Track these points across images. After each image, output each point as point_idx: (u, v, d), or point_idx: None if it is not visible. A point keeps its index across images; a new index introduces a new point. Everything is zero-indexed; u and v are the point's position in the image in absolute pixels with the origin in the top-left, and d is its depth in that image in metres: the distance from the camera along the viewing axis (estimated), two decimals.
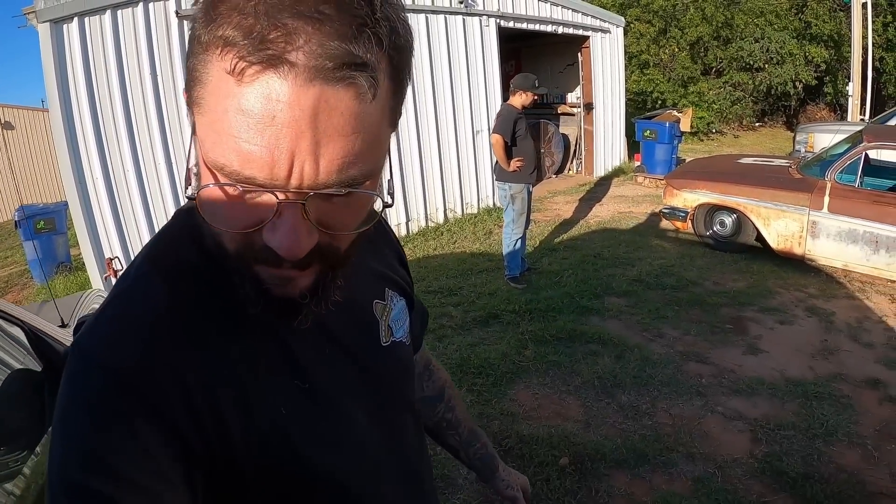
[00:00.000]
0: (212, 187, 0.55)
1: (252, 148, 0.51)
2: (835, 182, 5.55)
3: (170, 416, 0.57)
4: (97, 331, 0.61)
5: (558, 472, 3.08)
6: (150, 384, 0.57)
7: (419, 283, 5.97)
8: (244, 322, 0.65)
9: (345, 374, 0.76)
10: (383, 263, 0.93)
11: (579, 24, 10.49)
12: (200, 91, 0.53)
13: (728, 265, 6.10)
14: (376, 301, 0.86)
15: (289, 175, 0.52)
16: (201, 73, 0.53)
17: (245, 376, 0.64)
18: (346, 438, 0.74)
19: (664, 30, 16.93)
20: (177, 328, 0.61)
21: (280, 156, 0.51)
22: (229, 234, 0.59)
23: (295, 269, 0.60)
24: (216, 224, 0.57)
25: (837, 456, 3.14)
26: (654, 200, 8.70)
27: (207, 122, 0.53)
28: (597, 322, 4.86)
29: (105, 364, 0.57)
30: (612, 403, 3.70)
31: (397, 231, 7.83)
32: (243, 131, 0.51)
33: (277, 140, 0.50)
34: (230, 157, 0.52)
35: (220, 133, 0.52)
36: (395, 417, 0.85)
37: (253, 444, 0.62)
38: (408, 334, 0.93)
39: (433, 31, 7.93)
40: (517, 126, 5.35)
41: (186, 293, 0.64)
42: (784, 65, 16.64)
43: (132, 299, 0.64)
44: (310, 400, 0.70)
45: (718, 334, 4.58)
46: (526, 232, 5.83)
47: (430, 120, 8.08)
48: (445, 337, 4.72)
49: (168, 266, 0.66)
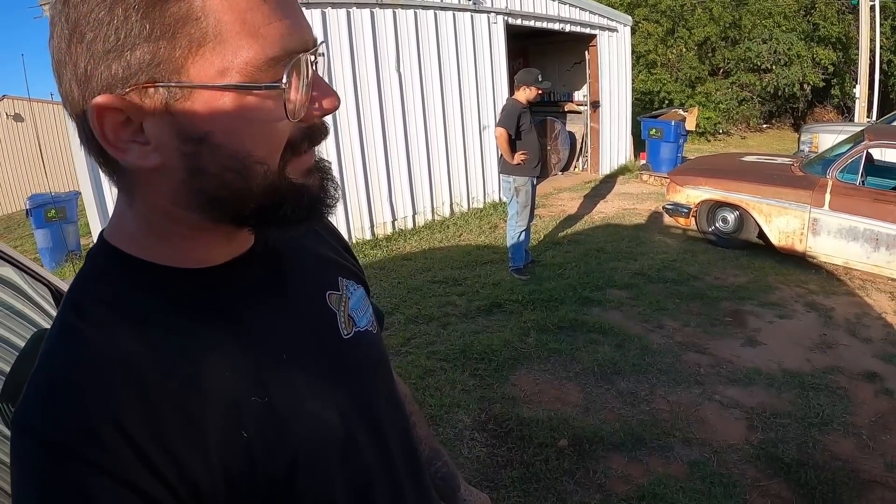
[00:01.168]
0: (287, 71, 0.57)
1: (288, 19, 0.57)
2: (836, 180, 5.60)
3: (125, 475, 0.54)
4: (31, 401, 0.57)
5: (557, 454, 3.16)
6: (96, 447, 0.53)
7: (424, 273, 6.05)
8: (185, 345, 0.62)
9: (308, 378, 0.71)
10: (329, 251, 0.88)
11: (587, 23, 10.52)
12: (201, 30, 0.53)
13: (729, 261, 6.16)
14: (330, 292, 0.81)
15: (311, 31, 0.61)
16: (191, 14, 0.53)
17: (195, 404, 0.59)
18: (323, 450, 0.69)
19: (672, 30, 16.95)
20: (112, 374, 0.57)
21: (296, 11, 0.59)
22: (279, 140, 0.60)
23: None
24: (295, 115, 0.59)
25: (832, 444, 3.19)
26: (659, 198, 8.73)
27: (239, 37, 0.54)
28: (598, 313, 4.93)
29: (45, 439, 0.54)
30: (611, 389, 3.77)
31: (403, 224, 7.93)
32: (279, 10, 0.57)
33: (294, 6, 0.59)
34: (280, 36, 0.56)
35: (256, 30, 0.55)
36: (375, 414, 0.80)
37: (217, 477, 0.59)
38: (373, 322, 0.88)
39: (441, 27, 7.98)
40: (521, 120, 5.40)
41: (117, 331, 0.60)
42: (792, 66, 16.60)
43: (57, 358, 0.59)
44: (272, 416, 0.64)
45: (718, 326, 4.64)
46: (530, 225, 5.89)
47: (437, 116, 8.13)
48: (449, 324, 4.80)
49: (91, 307, 0.62)
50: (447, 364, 4.14)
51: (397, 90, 7.56)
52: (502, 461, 3.15)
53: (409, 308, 5.14)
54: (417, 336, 4.62)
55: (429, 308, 5.12)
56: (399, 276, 6.02)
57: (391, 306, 5.20)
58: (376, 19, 7.20)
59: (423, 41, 7.80)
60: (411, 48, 7.66)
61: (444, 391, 3.79)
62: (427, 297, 5.40)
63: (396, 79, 7.53)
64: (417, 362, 4.16)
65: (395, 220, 7.85)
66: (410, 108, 7.77)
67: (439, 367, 4.09)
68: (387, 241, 7.37)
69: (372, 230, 7.59)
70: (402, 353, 4.34)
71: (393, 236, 7.59)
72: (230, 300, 0.68)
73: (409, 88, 7.70)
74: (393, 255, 6.88)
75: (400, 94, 7.60)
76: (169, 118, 0.56)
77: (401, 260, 6.62)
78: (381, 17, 7.26)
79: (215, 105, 0.55)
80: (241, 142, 0.57)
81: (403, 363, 4.16)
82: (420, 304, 5.21)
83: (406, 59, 7.61)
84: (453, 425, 3.46)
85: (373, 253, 6.94)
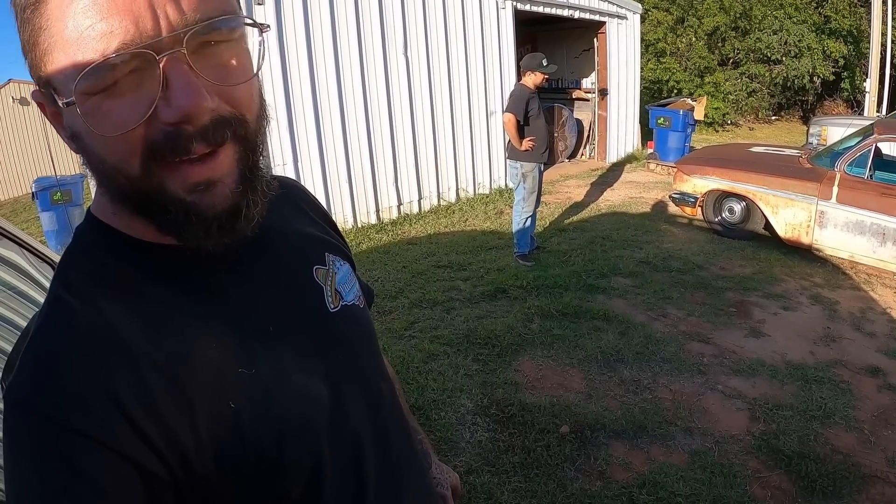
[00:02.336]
0: (92, 79, 0.53)
1: (112, 20, 0.51)
2: (844, 173, 5.57)
3: (117, 446, 0.54)
4: (23, 375, 0.57)
5: (559, 440, 3.16)
6: (88, 418, 0.54)
7: (429, 258, 6.05)
8: (171, 318, 0.63)
9: (296, 350, 0.71)
10: (316, 228, 0.89)
11: (596, 10, 10.44)
12: (44, 39, 0.54)
13: (735, 251, 6.14)
14: (317, 267, 0.82)
15: (156, 23, 0.53)
16: (40, 26, 0.54)
17: (183, 376, 0.60)
18: (311, 421, 0.69)
19: (682, 18, 16.84)
20: (101, 346, 0.57)
21: (139, 9, 0.52)
22: (131, 146, 0.56)
23: (205, 144, 0.57)
24: (108, 130, 0.54)
25: (833, 438, 3.19)
26: (666, 187, 8.71)
27: (62, 47, 0.53)
28: (602, 300, 4.93)
29: (37, 410, 0.54)
30: (613, 377, 3.78)
31: (409, 208, 7.91)
32: (96, 12, 0.51)
33: (130, 1, 0.52)
34: (96, 42, 0.52)
35: (78, 37, 0.52)
36: (366, 387, 0.81)
37: (206, 448, 0.59)
38: (360, 297, 0.89)
39: (450, 11, 7.93)
40: (529, 105, 5.37)
41: (104, 304, 0.60)
42: (802, 58, 16.52)
43: (48, 332, 0.59)
44: (259, 387, 0.65)
45: (722, 317, 4.64)
46: (536, 211, 5.88)
47: (444, 100, 8.10)
48: (453, 309, 4.80)
49: (79, 281, 0.63)
50: (450, 349, 4.14)
51: (404, 74, 7.52)
52: (504, 446, 3.15)
53: (414, 292, 5.14)
54: (421, 320, 4.62)
55: (433, 293, 5.12)
56: (404, 261, 6.01)
57: (395, 290, 5.20)
58: (384, 3, 7.15)
59: (430, 25, 7.74)
60: (419, 32, 7.61)
61: (447, 375, 3.80)
62: (431, 281, 5.40)
63: (404, 63, 7.48)
64: (421, 346, 4.16)
65: (401, 205, 7.83)
66: (417, 92, 7.73)
67: (442, 352, 4.10)
68: (392, 226, 7.37)
69: (378, 214, 7.58)
70: (405, 338, 4.34)
71: (398, 221, 7.58)
72: (215, 275, 0.69)
73: (416, 73, 7.66)
74: (398, 239, 6.87)
75: (407, 78, 7.56)
76: (62, 115, 0.58)
77: (406, 244, 6.62)
78: (389, 1, 7.21)
79: (67, 110, 0.56)
80: (95, 147, 0.57)
81: (407, 347, 4.17)
82: (424, 289, 5.21)
83: (413, 43, 7.57)
84: (455, 409, 3.47)
85: (378, 237, 6.93)
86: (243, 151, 0.61)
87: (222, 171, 0.59)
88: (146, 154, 0.56)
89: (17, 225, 10.51)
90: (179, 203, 0.58)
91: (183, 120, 0.54)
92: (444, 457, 3.02)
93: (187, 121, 0.54)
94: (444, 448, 3.10)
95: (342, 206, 7.15)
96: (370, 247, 6.59)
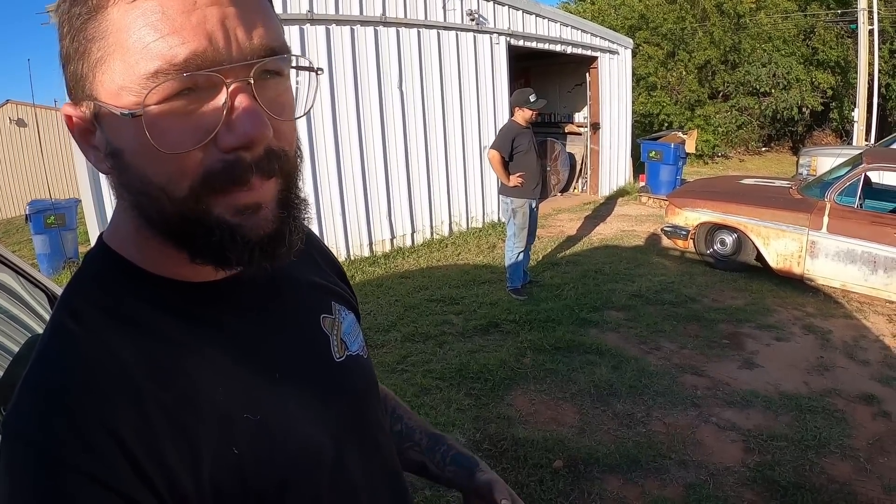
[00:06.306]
0: (160, 91, 0.52)
1: (184, 33, 0.52)
2: (834, 203, 5.62)
3: (118, 486, 0.52)
4: (22, 406, 0.55)
5: (552, 475, 3.13)
6: (89, 456, 0.52)
7: (422, 291, 6.05)
8: (181, 358, 0.61)
9: (301, 398, 0.71)
10: (324, 277, 0.89)
11: (588, 45, 10.62)
12: (98, 48, 0.54)
13: (727, 283, 6.15)
14: (324, 316, 0.82)
15: (227, 44, 0.53)
16: (94, 36, 0.54)
17: (188, 419, 0.58)
18: (313, 472, 0.69)
19: (672, 52, 17.13)
20: (106, 381, 0.56)
21: (212, 27, 0.52)
22: (183, 168, 0.55)
23: (260, 177, 0.57)
24: (166, 146, 0.54)
25: (829, 467, 3.17)
26: (658, 220, 8.76)
27: (122, 57, 0.53)
28: (595, 334, 4.92)
29: (37, 447, 0.52)
30: (607, 411, 3.75)
31: (402, 241, 7.94)
32: (167, 24, 0.51)
33: (205, 16, 0.52)
34: (166, 53, 0.52)
35: (144, 47, 0.52)
36: (366, 438, 0.80)
37: (206, 491, 0.58)
38: (364, 347, 0.89)
39: (444, 47, 8.06)
40: (516, 142, 5.41)
41: (112, 337, 0.59)
42: (791, 90, 16.76)
43: (50, 362, 0.58)
44: (264, 434, 0.64)
45: (715, 349, 4.63)
46: (530, 246, 5.91)
47: (438, 134, 8.19)
48: (446, 343, 4.78)
49: (86, 311, 0.61)
50: (443, 383, 4.12)
51: (399, 108, 7.62)
52: None
53: (406, 326, 5.13)
54: (414, 354, 4.60)
55: (426, 326, 5.11)
56: (397, 294, 6.01)
57: (388, 324, 5.19)
58: (380, 37, 7.27)
59: (425, 60, 7.87)
60: (414, 67, 7.73)
61: (440, 410, 3.77)
62: (424, 315, 5.39)
63: (398, 97, 7.59)
64: (413, 380, 4.14)
65: (394, 238, 7.86)
66: (412, 126, 7.82)
67: (435, 386, 4.07)
68: (385, 259, 7.38)
69: (371, 247, 7.60)
70: (398, 371, 4.32)
71: (391, 254, 7.60)
72: (226, 317, 0.68)
73: (410, 107, 7.75)
74: (391, 272, 6.87)
75: (402, 112, 7.66)
76: (100, 130, 0.58)
77: (399, 278, 6.62)
78: (385, 36, 7.34)
79: (115, 124, 0.55)
80: (141, 165, 0.56)
81: (399, 381, 4.15)
82: (417, 323, 5.20)
83: (408, 78, 7.68)
84: None
85: (371, 270, 6.94)
86: (285, 184, 0.62)
87: (267, 196, 0.60)
88: (201, 181, 0.56)
89: (9, 247, 10.50)
90: (225, 225, 0.58)
91: (244, 146, 0.55)
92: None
93: (247, 148, 0.55)
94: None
95: (335, 239, 7.18)
96: (363, 280, 6.59)
